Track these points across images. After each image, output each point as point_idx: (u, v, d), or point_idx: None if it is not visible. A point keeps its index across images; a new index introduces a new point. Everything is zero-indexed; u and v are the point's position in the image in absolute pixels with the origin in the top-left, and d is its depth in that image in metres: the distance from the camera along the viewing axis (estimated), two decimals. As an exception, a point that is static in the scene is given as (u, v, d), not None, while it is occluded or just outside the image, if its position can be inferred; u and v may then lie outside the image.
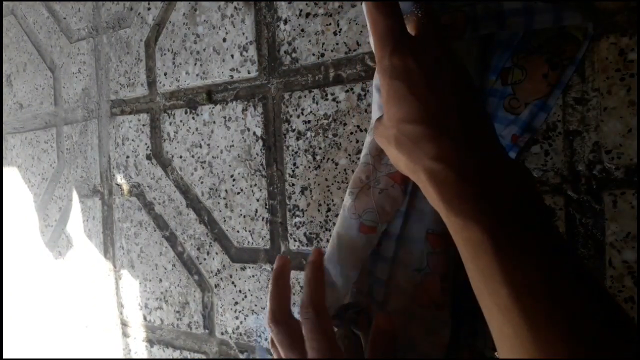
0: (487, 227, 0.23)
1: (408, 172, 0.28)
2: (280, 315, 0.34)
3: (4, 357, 0.83)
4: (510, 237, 0.22)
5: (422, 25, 0.29)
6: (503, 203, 0.23)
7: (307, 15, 0.47)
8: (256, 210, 0.52)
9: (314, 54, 0.47)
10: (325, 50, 0.46)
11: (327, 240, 0.47)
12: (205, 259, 0.57)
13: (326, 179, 0.47)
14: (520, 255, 0.22)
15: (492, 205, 0.23)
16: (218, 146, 0.55)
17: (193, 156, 0.57)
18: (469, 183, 0.24)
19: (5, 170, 0.84)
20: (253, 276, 0.53)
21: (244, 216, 0.53)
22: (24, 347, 0.85)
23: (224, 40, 0.53)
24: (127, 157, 0.64)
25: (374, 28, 0.29)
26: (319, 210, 0.47)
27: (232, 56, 0.52)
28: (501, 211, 0.23)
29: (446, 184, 0.25)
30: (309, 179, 0.48)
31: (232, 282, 0.55)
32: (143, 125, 0.62)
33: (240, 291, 0.54)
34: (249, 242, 0.53)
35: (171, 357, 0.62)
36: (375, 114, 0.35)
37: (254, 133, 0.52)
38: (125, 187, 0.65)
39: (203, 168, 0.56)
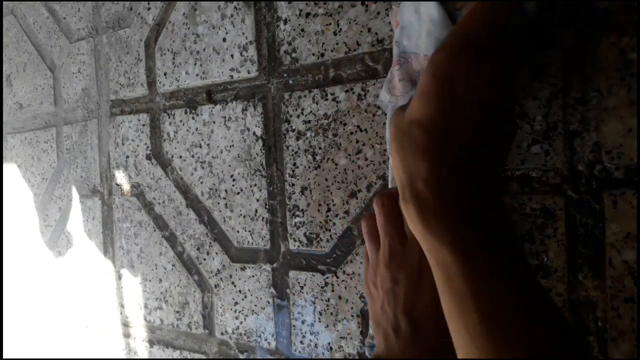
0: (459, 252, 0.23)
1: (396, 174, 0.27)
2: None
3: (4, 357, 0.83)
4: (481, 261, 0.23)
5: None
6: (478, 226, 0.24)
7: (307, 15, 0.47)
8: (256, 210, 0.52)
9: (314, 54, 0.47)
10: (325, 50, 0.46)
11: (327, 240, 0.47)
12: (205, 259, 0.57)
13: (326, 179, 0.47)
14: (490, 280, 0.22)
15: (466, 229, 0.23)
16: (218, 146, 0.55)
17: (193, 156, 0.57)
18: (446, 204, 0.24)
19: (5, 170, 0.84)
20: (253, 276, 0.53)
21: (244, 216, 0.53)
22: (24, 347, 0.85)
23: (224, 40, 0.53)
24: (127, 157, 0.64)
25: None
26: (319, 210, 0.47)
27: (232, 56, 0.52)
28: (474, 235, 0.23)
29: (425, 202, 0.24)
30: (309, 179, 0.48)
31: (232, 282, 0.55)
32: (143, 125, 0.62)
33: (240, 291, 0.54)
34: (249, 242, 0.53)
35: (171, 357, 0.62)
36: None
37: (254, 133, 0.52)
38: (125, 187, 0.65)
39: (203, 168, 0.56)
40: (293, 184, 0.49)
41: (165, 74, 0.59)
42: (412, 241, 0.33)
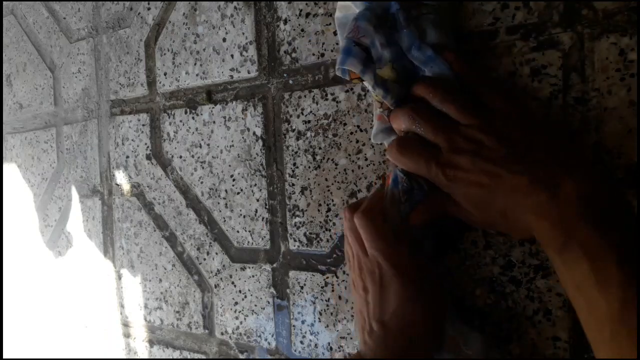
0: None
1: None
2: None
3: (4, 357, 0.83)
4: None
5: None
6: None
7: (307, 15, 0.47)
8: (256, 210, 0.52)
9: (314, 54, 0.47)
10: (325, 50, 0.46)
11: (327, 240, 0.47)
12: (205, 259, 0.57)
13: (326, 179, 0.47)
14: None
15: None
16: (218, 146, 0.55)
17: (193, 156, 0.57)
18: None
19: (5, 170, 0.84)
20: (253, 276, 0.53)
21: (244, 216, 0.53)
22: (24, 347, 0.85)
23: (224, 40, 0.53)
24: (127, 157, 0.64)
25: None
26: (319, 210, 0.47)
27: (232, 56, 0.52)
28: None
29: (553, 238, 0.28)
30: (309, 179, 0.48)
31: (232, 282, 0.55)
32: (143, 125, 0.62)
33: (240, 291, 0.54)
34: (248, 242, 0.53)
35: (171, 357, 0.62)
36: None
37: (254, 133, 0.52)
38: (125, 187, 0.65)
39: (203, 168, 0.56)
40: (293, 184, 0.49)
41: (165, 74, 0.59)
42: (373, 257, 0.36)
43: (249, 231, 0.53)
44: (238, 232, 0.54)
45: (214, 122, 0.55)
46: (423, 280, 0.35)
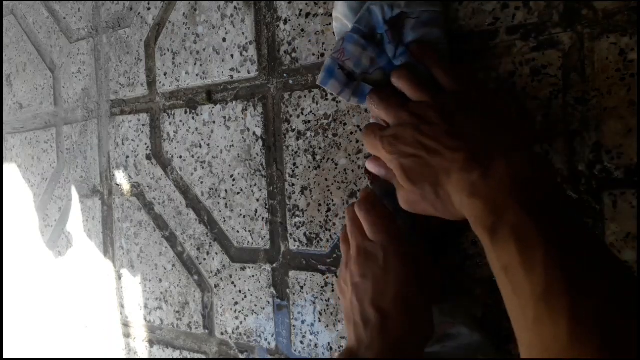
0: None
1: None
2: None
3: (4, 357, 0.83)
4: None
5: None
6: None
7: (307, 15, 0.47)
8: (256, 210, 0.52)
9: (314, 54, 0.47)
10: (325, 50, 0.46)
11: (327, 240, 0.47)
12: (205, 259, 0.57)
13: (326, 179, 0.47)
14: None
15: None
16: (218, 146, 0.55)
17: (193, 156, 0.57)
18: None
19: (5, 170, 0.84)
20: (253, 276, 0.53)
21: (244, 216, 0.53)
22: (24, 347, 0.85)
23: (224, 40, 0.53)
24: (127, 157, 0.64)
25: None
26: (319, 210, 0.47)
27: (232, 56, 0.52)
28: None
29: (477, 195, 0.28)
30: (309, 179, 0.48)
31: (232, 282, 0.55)
32: (143, 125, 0.62)
33: (240, 291, 0.54)
34: (249, 242, 0.53)
35: (171, 357, 0.62)
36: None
37: (254, 133, 0.52)
38: (125, 187, 0.65)
39: (203, 168, 0.56)
40: (293, 184, 0.49)
41: (165, 74, 0.59)
42: (377, 242, 0.36)
43: (249, 231, 0.53)
44: (238, 232, 0.54)
45: (214, 122, 0.55)
46: (419, 263, 0.36)
